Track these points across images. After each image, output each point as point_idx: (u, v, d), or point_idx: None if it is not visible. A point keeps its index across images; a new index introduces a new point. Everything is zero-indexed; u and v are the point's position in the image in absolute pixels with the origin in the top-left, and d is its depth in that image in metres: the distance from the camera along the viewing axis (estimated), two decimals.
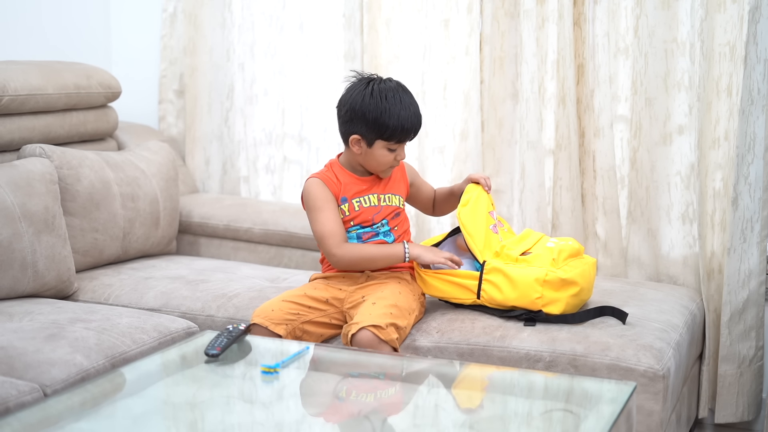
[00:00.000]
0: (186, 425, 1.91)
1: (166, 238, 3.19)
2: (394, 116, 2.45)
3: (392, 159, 2.51)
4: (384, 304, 2.40)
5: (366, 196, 2.56)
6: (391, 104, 2.45)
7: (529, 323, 2.47)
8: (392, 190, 2.60)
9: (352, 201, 2.54)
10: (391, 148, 2.49)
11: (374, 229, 2.56)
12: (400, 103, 2.46)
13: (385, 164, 2.52)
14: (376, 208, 2.56)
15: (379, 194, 2.57)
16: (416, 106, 2.50)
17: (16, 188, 2.63)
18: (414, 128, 2.49)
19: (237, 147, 3.68)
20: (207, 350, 2.13)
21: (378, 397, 2.04)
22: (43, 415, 1.88)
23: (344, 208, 2.54)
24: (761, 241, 2.86)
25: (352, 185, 2.55)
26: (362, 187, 2.56)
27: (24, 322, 2.42)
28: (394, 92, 2.47)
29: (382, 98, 2.46)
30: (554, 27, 3.06)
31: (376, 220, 2.56)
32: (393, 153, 2.50)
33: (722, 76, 2.84)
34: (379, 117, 2.45)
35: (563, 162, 3.09)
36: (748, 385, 2.92)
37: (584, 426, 1.91)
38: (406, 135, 2.48)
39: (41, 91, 2.94)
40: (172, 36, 3.75)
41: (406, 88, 2.53)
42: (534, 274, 2.45)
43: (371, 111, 2.45)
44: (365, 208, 2.55)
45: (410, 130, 2.48)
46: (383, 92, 2.47)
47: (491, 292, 2.50)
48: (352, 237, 2.55)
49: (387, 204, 2.58)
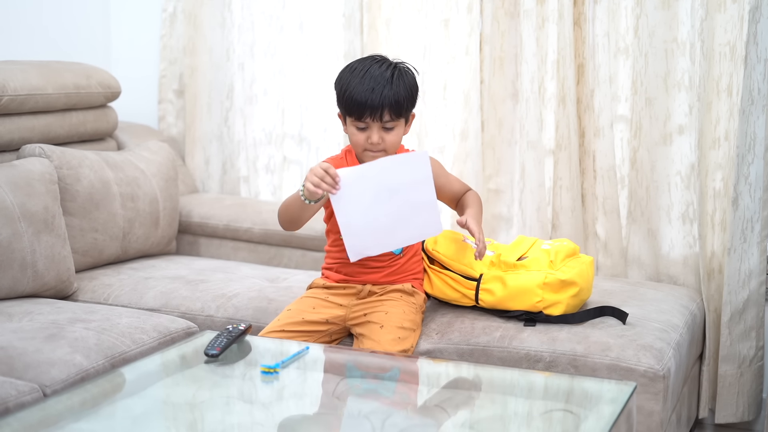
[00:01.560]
0: (186, 425, 1.91)
1: (165, 238, 3.19)
2: (350, 88, 2.34)
3: (364, 140, 2.37)
4: (392, 326, 2.37)
5: None
6: (353, 77, 2.35)
7: (529, 324, 2.47)
8: None
9: None
10: (358, 127, 2.37)
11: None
12: (361, 77, 2.33)
13: (358, 145, 2.40)
14: None
15: None
16: (382, 84, 2.32)
17: (15, 188, 2.63)
18: (368, 103, 2.31)
19: (237, 147, 3.68)
20: (207, 350, 2.13)
21: (378, 397, 2.04)
22: (43, 416, 1.88)
23: None
24: (761, 241, 2.86)
25: None
26: None
27: (24, 322, 2.42)
28: (366, 67, 2.36)
29: (351, 71, 2.37)
30: (554, 27, 3.06)
31: None
32: (363, 133, 2.37)
33: (722, 76, 2.84)
34: (340, 90, 2.37)
35: (563, 162, 3.09)
36: (749, 385, 2.92)
37: (584, 426, 1.91)
38: (360, 110, 2.33)
39: (41, 91, 2.94)
40: (172, 36, 3.75)
41: (398, 69, 2.38)
42: (533, 280, 2.45)
43: (338, 84, 2.39)
44: None
45: (365, 105, 2.32)
46: (356, 66, 2.37)
47: (489, 300, 2.50)
48: None
49: None
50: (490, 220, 3.27)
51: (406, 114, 2.41)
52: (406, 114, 2.41)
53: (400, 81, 2.37)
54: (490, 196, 3.26)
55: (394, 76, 2.36)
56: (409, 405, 2.03)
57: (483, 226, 3.24)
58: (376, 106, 2.33)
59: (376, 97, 2.32)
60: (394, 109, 2.35)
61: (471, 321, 2.51)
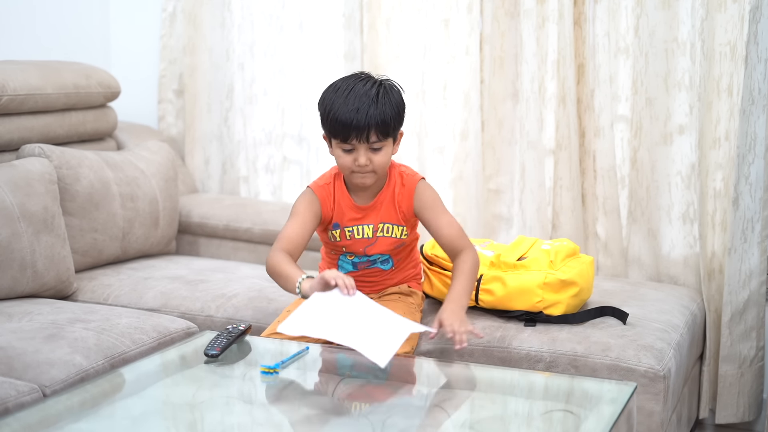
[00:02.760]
0: (185, 425, 1.91)
1: (165, 238, 3.18)
2: (333, 110, 2.25)
3: (351, 162, 2.28)
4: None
5: (360, 225, 2.39)
6: (337, 97, 2.25)
7: (530, 324, 2.46)
8: (392, 220, 2.39)
9: (344, 229, 2.40)
10: (344, 149, 2.28)
11: (371, 260, 2.44)
12: (345, 97, 2.24)
13: (345, 167, 2.31)
14: (368, 240, 2.39)
15: (377, 224, 2.39)
16: (367, 104, 2.23)
17: (15, 188, 2.62)
18: (356, 125, 2.22)
19: (236, 147, 3.67)
20: (206, 350, 2.12)
21: (378, 397, 2.04)
22: (43, 416, 1.88)
23: (335, 233, 2.40)
24: (762, 241, 2.85)
25: (347, 211, 2.39)
26: (357, 216, 2.39)
27: (23, 322, 2.41)
28: (350, 87, 2.26)
29: (334, 91, 2.28)
30: (554, 27, 3.06)
31: (368, 252, 2.41)
32: (350, 155, 2.28)
33: (723, 76, 2.84)
34: (324, 111, 2.28)
35: (563, 162, 3.08)
36: (749, 385, 2.92)
37: (584, 426, 1.91)
38: (347, 132, 2.24)
39: (40, 91, 2.94)
40: (172, 36, 3.75)
41: (383, 87, 2.28)
42: (533, 280, 2.45)
43: (322, 105, 2.30)
44: (357, 240, 2.39)
45: (350, 126, 2.23)
46: (340, 86, 2.28)
47: (489, 300, 2.50)
48: (347, 263, 2.45)
49: (385, 235, 2.39)
50: (491, 220, 3.27)
51: (393, 133, 2.31)
52: (393, 133, 2.31)
53: (386, 99, 2.26)
54: (490, 196, 3.26)
55: (379, 95, 2.25)
56: (409, 405, 2.03)
57: (483, 226, 3.26)
58: (362, 126, 2.23)
59: (362, 118, 2.23)
60: (381, 129, 2.25)
61: (471, 321, 2.49)
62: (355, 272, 2.46)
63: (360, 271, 2.47)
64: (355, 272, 2.46)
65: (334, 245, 2.44)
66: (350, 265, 2.46)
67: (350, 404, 2.01)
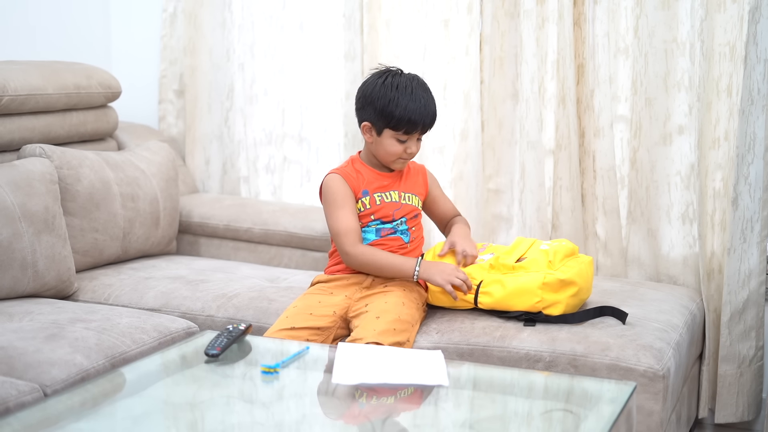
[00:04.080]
0: (186, 425, 1.91)
1: (166, 238, 3.19)
2: (401, 106, 2.48)
3: (402, 150, 2.53)
4: (387, 319, 2.38)
5: (388, 192, 2.58)
6: (400, 94, 2.49)
7: (529, 323, 2.47)
8: (412, 190, 2.63)
9: (373, 195, 2.56)
10: (400, 139, 2.52)
11: (393, 226, 2.57)
12: (410, 94, 2.49)
13: (394, 154, 2.54)
14: (396, 204, 2.58)
15: (401, 192, 2.59)
16: (428, 101, 2.52)
17: (16, 188, 2.63)
18: (421, 121, 2.51)
19: (237, 147, 3.68)
20: (207, 350, 2.13)
21: (378, 397, 2.04)
22: (43, 416, 1.88)
23: (365, 200, 2.55)
24: (761, 241, 2.86)
25: (374, 180, 2.58)
26: (384, 183, 2.58)
27: (24, 322, 2.42)
28: (407, 84, 2.51)
29: (393, 88, 2.50)
30: (554, 27, 3.06)
31: (396, 216, 2.57)
32: (402, 144, 2.53)
33: (722, 76, 2.84)
34: (386, 105, 2.48)
35: (563, 162, 3.09)
36: (748, 385, 2.92)
37: (584, 426, 1.91)
38: (413, 126, 2.50)
39: (41, 91, 2.94)
40: (172, 36, 3.75)
41: (423, 82, 2.56)
42: (532, 281, 2.45)
43: (380, 99, 2.49)
44: (386, 203, 2.56)
45: (417, 122, 2.50)
46: (396, 82, 2.51)
47: (488, 302, 2.50)
48: (371, 231, 2.55)
49: (407, 203, 2.60)
50: (490, 220, 3.28)
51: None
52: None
53: (431, 95, 2.55)
54: (490, 196, 3.26)
55: (427, 91, 2.54)
56: (409, 405, 2.03)
57: (483, 226, 3.26)
58: (428, 122, 2.53)
59: (427, 115, 2.51)
60: (433, 122, 2.56)
61: (471, 321, 2.51)
62: (377, 239, 2.56)
63: (382, 237, 2.56)
64: (378, 239, 2.56)
65: (361, 217, 2.56)
66: (373, 233, 2.56)
67: (350, 404, 2.01)
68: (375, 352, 2.20)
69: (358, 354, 2.16)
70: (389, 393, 2.03)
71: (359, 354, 2.16)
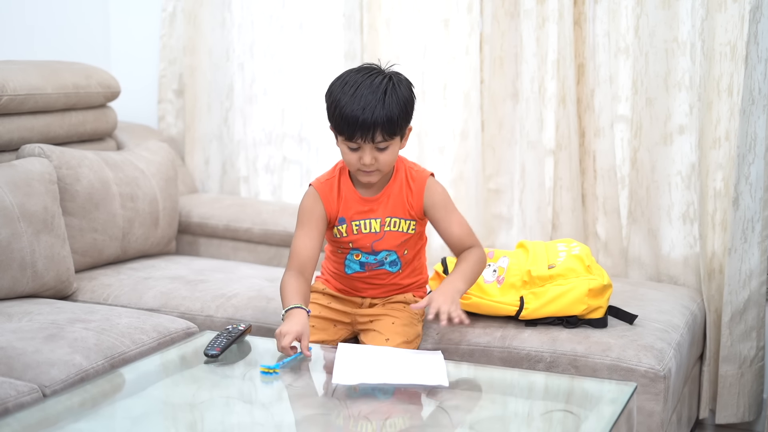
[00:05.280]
0: (185, 426, 1.91)
1: (165, 238, 3.18)
2: (339, 107, 2.17)
3: (356, 160, 2.21)
4: (397, 341, 2.31)
5: (367, 219, 2.32)
6: (344, 93, 2.17)
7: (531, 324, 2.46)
8: (400, 213, 2.31)
9: (351, 222, 2.32)
10: (350, 147, 2.21)
11: (378, 260, 2.36)
12: (351, 95, 2.16)
13: (351, 165, 2.24)
14: (376, 235, 2.32)
15: (383, 218, 2.31)
16: (373, 103, 2.15)
17: (15, 188, 2.62)
18: (358, 125, 2.15)
19: (236, 147, 3.67)
20: (206, 350, 2.12)
21: (378, 397, 2.04)
22: (42, 416, 1.88)
23: (342, 229, 2.33)
24: (762, 241, 2.85)
25: (353, 203, 2.31)
26: (363, 208, 2.31)
27: (23, 322, 2.41)
28: (357, 82, 2.18)
29: (342, 86, 2.19)
30: (554, 26, 3.06)
31: (376, 248, 2.34)
32: (355, 153, 2.21)
33: (723, 76, 2.84)
34: (330, 105, 2.21)
35: (563, 162, 3.08)
36: (749, 385, 2.92)
37: (585, 426, 1.91)
38: (350, 131, 2.16)
39: (40, 91, 2.93)
40: (172, 35, 3.75)
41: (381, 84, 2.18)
42: (578, 289, 2.41)
43: (329, 97, 2.22)
44: (364, 234, 2.32)
45: (353, 126, 2.15)
46: (349, 81, 2.19)
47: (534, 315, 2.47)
48: (354, 263, 2.37)
49: (392, 230, 2.32)
50: (491, 220, 3.27)
51: (400, 131, 2.23)
52: (400, 131, 2.23)
53: (394, 96, 2.18)
54: (490, 196, 3.26)
55: (387, 92, 2.17)
56: (409, 405, 2.03)
57: (483, 226, 3.25)
58: (368, 126, 2.15)
59: (368, 117, 2.15)
60: (387, 129, 2.18)
61: (471, 321, 2.50)
62: (362, 272, 2.39)
63: (367, 272, 2.40)
64: (363, 272, 2.40)
65: (340, 243, 2.36)
66: (357, 265, 2.38)
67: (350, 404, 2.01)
68: (374, 352, 2.20)
69: (357, 354, 2.16)
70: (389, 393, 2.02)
71: (359, 354, 2.16)
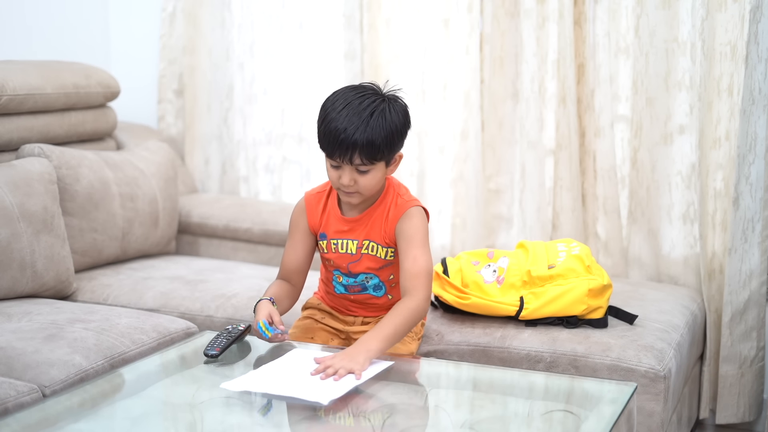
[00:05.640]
0: (185, 426, 1.91)
1: (165, 238, 3.18)
2: (324, 124, 2.12)
3: (336, 179, 2.15)
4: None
5: (344, 240, 2.26)
6: (333, 110, 2.11)
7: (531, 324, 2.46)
8: (377, 239, 2.24)
9: (330, 240, 2.27)
10: (332, 164, 2.14)
11: (359, 283, 2.29)
12: (337, 113, 2.09)
13: (332, 181, 2.18)
14: (353, 257, 2.25)
15: (361, 240, 2.24)
16: (356, 125, 2.08)
17: (14, 188, 2.62)
18: (337, 144, 2.09)
19: (236, 147, 3.67)
20: (206, 350, 2.12)
21: (378, 397, 2.03)
22: (42, 416, 1.88)
23: (323, 244, 2.29)
24: (762, 241, 2.85)
25: (334, 221, 2.27)
26: (343, 228, 2.26)
27: (23, 322, 2.41)
28: (347, 101, 2.11)
29: (333, 102, 2.13)
30: (555, 26, 3.06)
31: (352, 270, 2.27)
32: (336, 171, 2.14)
33: (723, 76, 2.84)
34: (319, 120, 2.15)
35: (563, 162, 3.08)
36: (750, 385, 2.92)
37: (585, 427, 1.90)
38: (331, 149, 2.11)
39: (40, 91, 2.93)
40: (172, 35, 3.75)
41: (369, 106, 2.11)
42: (578, 290, 2.42)
43: (320, 112, 2.16)
44: (341, 254, 2.26)
45: (335, 145, 2.09)
46: (340, 98, 2.13)
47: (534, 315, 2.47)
48: (338, 285, 2.31)
49: (369, 253, 2.24)
50: (491, 220, 3.27)
51: (385, 157, 2.14)
52: (385, 157, 2.14)
53: (380, 121, 2.10)
54: (490, 196, 3.26)
55: (373, 115, 2.09)
56: (409, 405, 2.03)
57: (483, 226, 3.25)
58: (347, 147, 2.09)
59: (348, 137, 2.08)
60: (367, 153, 2.09)
61: (471, 322, 2.50)
62: (347, 294, 2.33)
63: (353, 296, 2.32)
64: (348, 295, 2.33)
65: (326, 259, 2.32)
66: (342, 287, 2.32)
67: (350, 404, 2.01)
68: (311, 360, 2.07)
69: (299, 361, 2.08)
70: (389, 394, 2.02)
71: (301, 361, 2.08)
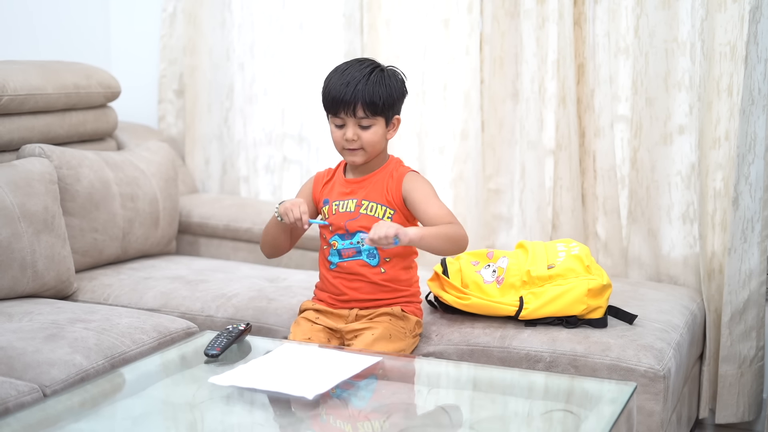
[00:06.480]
0: (185, 426, 1.91)
1: (165, 238, 3.18)
2: (329, 84, 2.32)
3: (341, 137, 2.32)
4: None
5: (345, 200, 2.37)
6: (334, 74, 2.33)
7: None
8: (378, 199, 2.35)
9: (332, 203, 2.39)
10: (336, 124, 2.33)
11: (355, 246, 2.35)
12: (341, 72, 2.31)
13: (336, 143, 2.35)
14: (351, 214, 2.35)
15: (360, 200, 2.36)
16: (358, 79, 2.28)
17: (15, 188, 2.63)
18: (342, 97, 2.28)
19: (237, 147, 3.67)
20: (206, 350, 2.12)
21: (378, 397, 2.04)
22: (43, 416, 1.88)
23: (325, 210, 2.40)
24: (762, 241, 2.85)
25: (338, 186, 2.41)
26: (346, 190, 2.39)
27: (23, 322, 2.41)
28: (349, 65, 2.33)
29: (335, 70, 2.34)
30: (554, 27, 3.06)
31: (349, 228, 2.34)
32: (340, 130, 2.32)
33: (723, 76, 2.84)
34: (323, 89, 2.35)
35: (563, 162, 3.08)
36: (749, 385, 2.92)
37: (585, 426, 1.91)
38: (335, 104, 2.29)
39: (41, 91, 2.94)
40: (172, 36, 3.75)
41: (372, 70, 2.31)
42: (577, 290, 2.42)
43: (323, 84, 2.35)
44: (340, 213, 2.36)
45: (337, 98, 2.28)
46: (342, 66, 2.35)
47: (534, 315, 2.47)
48: (334, 253, 2.37)
49: (367, 213, 2.34)
50: (491, 220, 3.27)
51: (384, 113, 2.32)
52: (384, 113, 2.32)
53: (379, 79, 2.30)
54: (490, 196, 3.26)
55: (372, 74, 2.30)
56: (409, 405, 2.03)
57: (483, 226, 3.25)
58: (349, 100, 2.28)
59: (350, 91, 2.27)
60: (368, 105, 2.28)
61: (471, 321, 2.50)
62: (342, 263, 2.37)
63: (346, 262, 2.36)
64: (342, 263, 2.36)
65: (324, 232, 2.40)
66: (337, 256, 2.37)
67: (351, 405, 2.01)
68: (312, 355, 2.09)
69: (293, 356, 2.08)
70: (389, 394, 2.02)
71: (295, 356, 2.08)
